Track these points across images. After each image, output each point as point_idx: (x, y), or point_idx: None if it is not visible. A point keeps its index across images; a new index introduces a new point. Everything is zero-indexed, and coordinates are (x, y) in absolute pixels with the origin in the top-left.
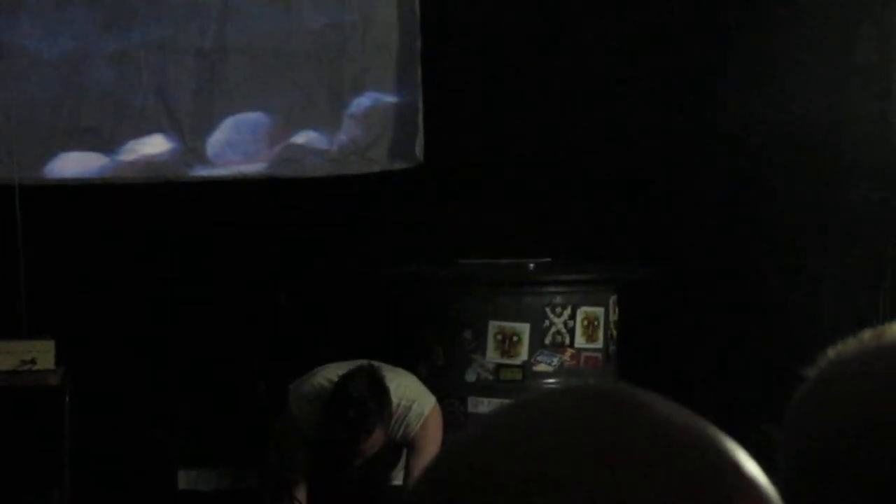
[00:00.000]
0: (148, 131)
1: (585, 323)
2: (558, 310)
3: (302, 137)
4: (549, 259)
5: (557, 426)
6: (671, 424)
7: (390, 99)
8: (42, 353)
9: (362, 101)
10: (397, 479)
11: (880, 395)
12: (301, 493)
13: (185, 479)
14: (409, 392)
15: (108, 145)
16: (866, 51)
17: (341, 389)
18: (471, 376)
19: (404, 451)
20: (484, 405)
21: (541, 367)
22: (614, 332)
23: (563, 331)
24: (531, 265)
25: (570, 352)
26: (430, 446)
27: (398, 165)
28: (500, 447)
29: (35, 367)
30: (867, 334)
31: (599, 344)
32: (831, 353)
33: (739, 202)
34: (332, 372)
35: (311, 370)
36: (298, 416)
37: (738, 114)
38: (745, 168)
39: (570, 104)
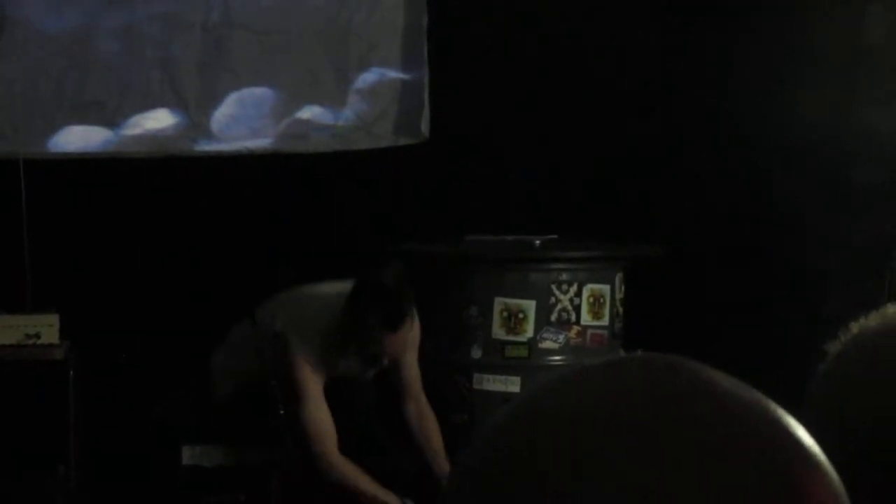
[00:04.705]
0: (152, 106)
1: (591, 300)
2: (564, 287)
3: (307, 113)
4: (555, 236)
5: (614, 399)
6: (733, 398)
7: (396, 75)
8: (46, 328)
9: (368, 77)
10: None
11: None
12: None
13: (188, 455)
14: None
15: (112, 119)
16: (875, 32)
17: (371, 280)
18: (476, 353)
19: None
20: (489, 382)
21: (546, 345)
22: (620, 310)
23: (569, 308)
24: (537, 242)
25: (576, 329)
26: (416, 343)
27: (404, 141)
28: (552, 421)
29: (39, 342)
30: (890, 309)
31: (605, 321)
32: (854, 327)
33: (746, 182)
34: (322, 287)
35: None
36: (297, 336)
37: (746, 94)
38: (752, 148)
39: (578, 82)
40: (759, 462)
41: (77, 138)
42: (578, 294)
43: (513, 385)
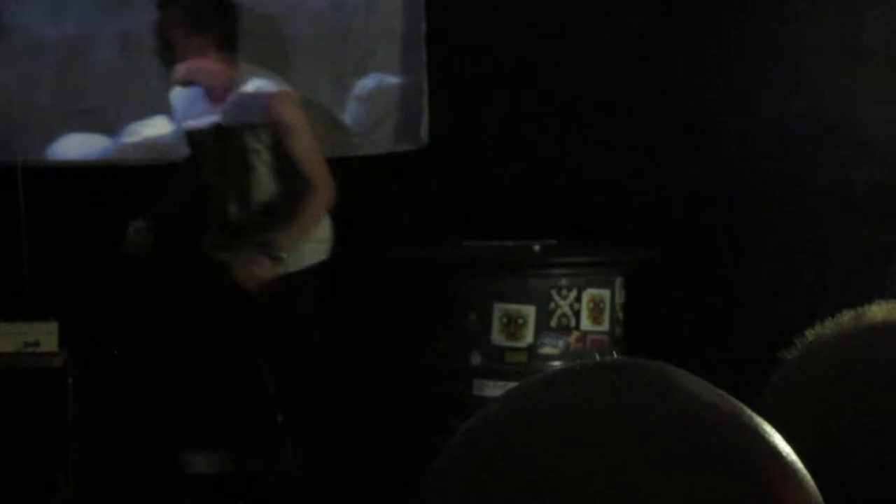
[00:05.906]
0: (151, 113)
1: (591, 305)
2: (564, 292)
3: None
4: (554, 241)
5: (581, 405)
6: (706, 405)
7: (395, 80)
8: (45, 336)
9: (366, 83)
10: None
11: (858, 379)
12: None
13: (188, 463)
14: (260, 80)
15: (110, 127)
16: (874, 34)
17: None
18: (476, 359)
19: None
20: (489, 388)
21: (546, 350)
22: (620, 315)
23: (569, 313)
24: (536, 247)
25: (575, 334)
26: (295, 127)
27: (402, 147)
28: (519, 431)
29: (38, 350)
30: (846, 316)
31: (605, 326)
32: (810, 335)
33: (745, 184)
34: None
35: None
36: None
37: (745, 96)
38: (751, 150)
39: (575, 87)
40: (731, 471)
41: (75, 146)
42: (578, 299)
43: None
